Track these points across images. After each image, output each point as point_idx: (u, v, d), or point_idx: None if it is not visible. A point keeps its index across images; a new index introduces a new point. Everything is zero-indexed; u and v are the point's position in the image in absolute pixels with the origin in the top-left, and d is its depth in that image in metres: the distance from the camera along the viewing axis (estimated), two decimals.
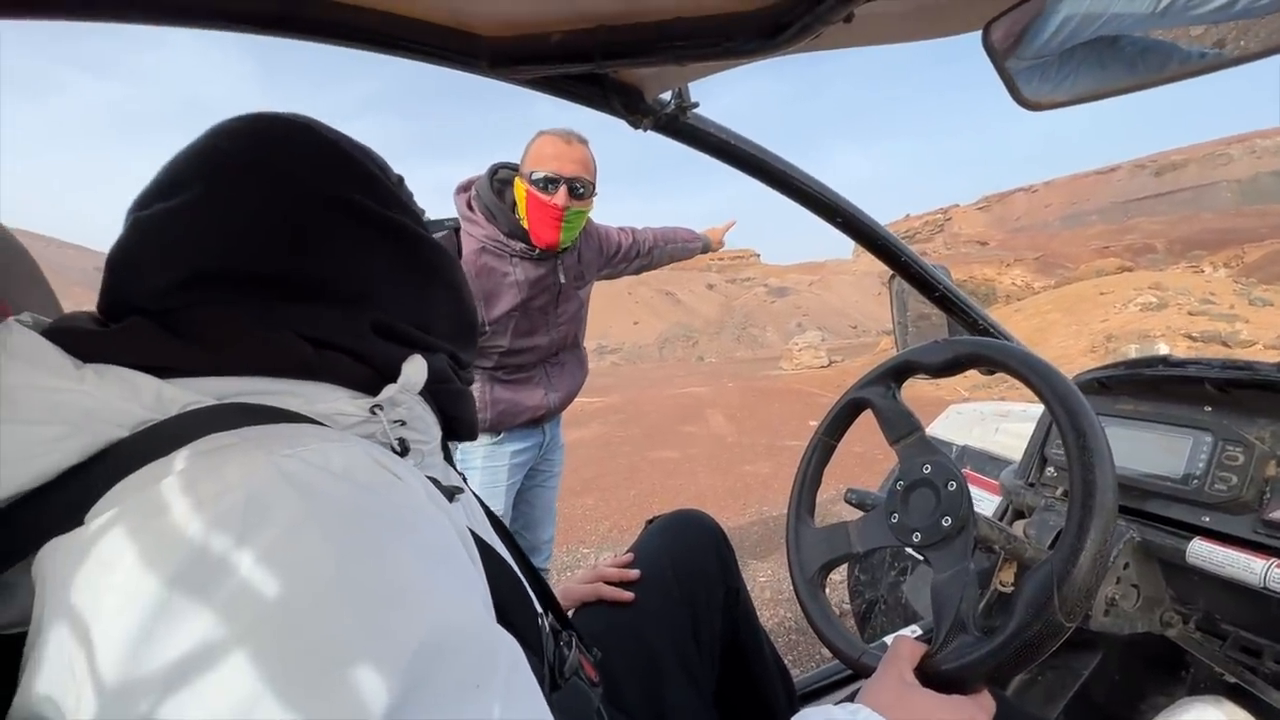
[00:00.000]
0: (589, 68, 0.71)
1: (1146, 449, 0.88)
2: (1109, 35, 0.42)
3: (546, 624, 0.58)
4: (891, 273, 1.20)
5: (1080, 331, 10.38)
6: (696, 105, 0.83)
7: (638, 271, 1.78)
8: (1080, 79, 0.46)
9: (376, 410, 0.45)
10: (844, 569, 1.72)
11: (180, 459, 0.34)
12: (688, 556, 0.88)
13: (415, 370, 0.48)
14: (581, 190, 1.36)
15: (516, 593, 0.52)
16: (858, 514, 0.78)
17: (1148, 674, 1.01)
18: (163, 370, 0.39)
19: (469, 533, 0.45)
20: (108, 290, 0.45)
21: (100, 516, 0.32)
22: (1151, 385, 0.92)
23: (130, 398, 0.37)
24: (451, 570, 0.37)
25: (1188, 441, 0.84)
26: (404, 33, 0.72)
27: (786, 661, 2.23)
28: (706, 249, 1.87)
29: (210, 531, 0.30)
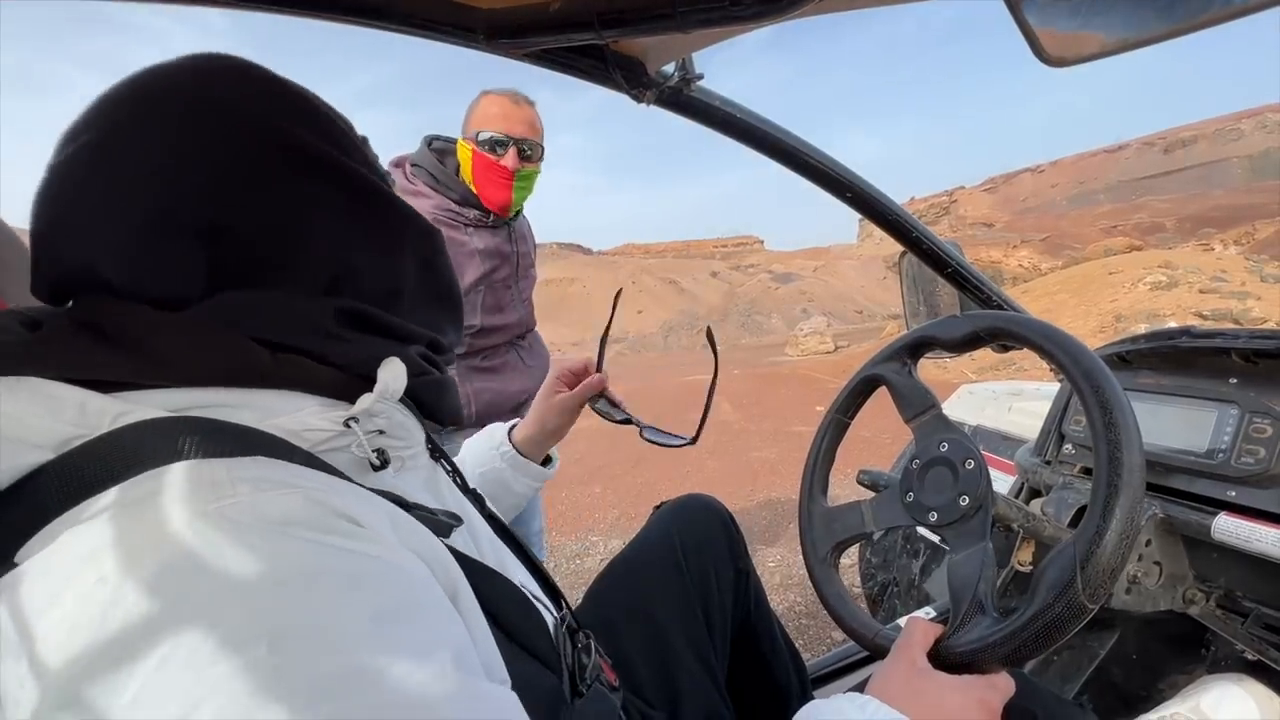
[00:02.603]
0: (589, 37, 0.68)
1: (1170, 423, 0.86)
2: None
3: (563, 627, 0.56)
4: (901, 251, 1.17)
5: (1089, 312, 10.29)
6: (701, 77, 0.80)
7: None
8: (1107, 29, 0.44)
9: (350, 424, 0.40)
10: (855, 552, 1.71)
11: (105, 503, 0.30)
12: (696, 540, 0.87)
13: (393, 376, 0.43)
14: (529, 152, 1.30)
15: (524, 610, 0.49)
16: (869, 496, 0.76)
17: (1167, 652, 1.00)
18: (101, 384, 0.35)
19: (456, 565, 0.40)
20: (34, 265, 0.39)
21: (30, 559, 0.29)
22: (1174, 358, 0.90)
23: (49, 414, 0.33)
24: (419, 628, 0.32)
25: (1213, 415, 0.82)
26: (401, 6, 0.70)
27: (798, 645, 2.24)
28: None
29: (121, 608, 0.27)
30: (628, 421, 0.87)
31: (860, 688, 0.64)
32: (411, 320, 0.47)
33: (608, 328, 0.89)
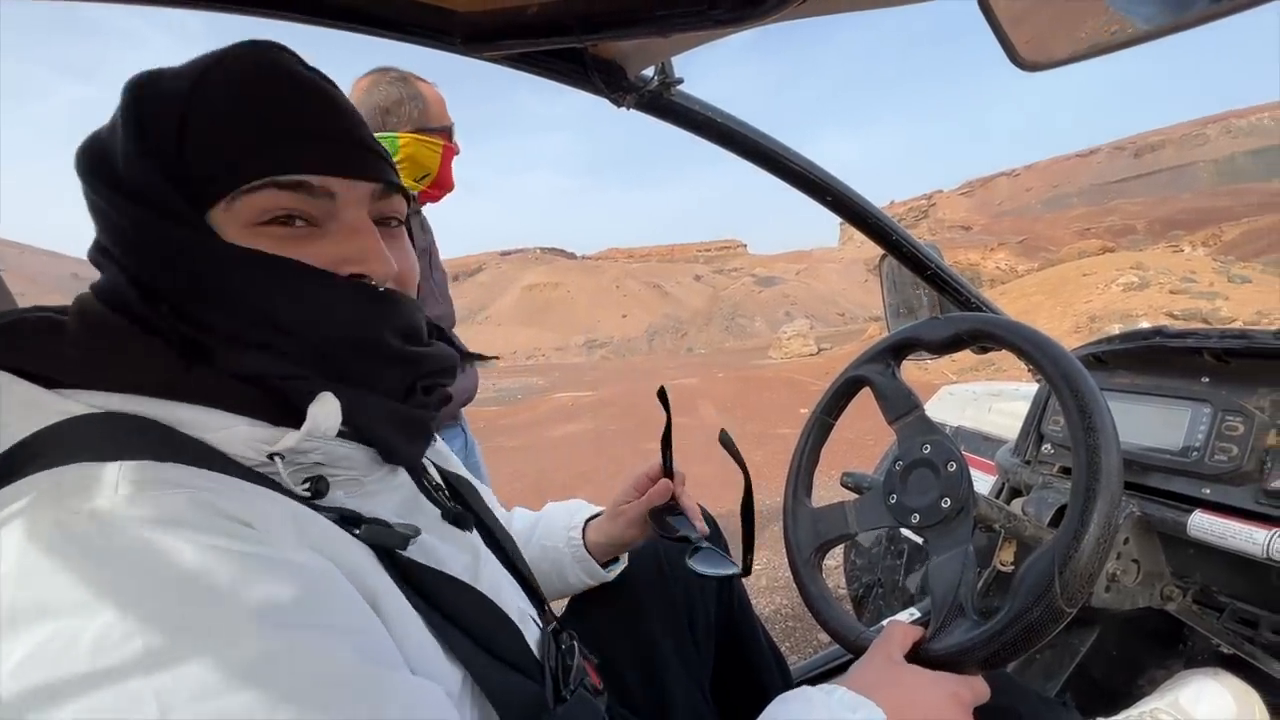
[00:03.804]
0: (569, 42, 0.68)
1: (1145, 422, 0.87)
2: None
3: (547, 630, 0.56)
4: (881, 254, 1.18)
5: (1065, 313, 10.50)
6: (681, 81, 0.80)
7: None
8: (1078, 35, 0.44)
9: (275, 459, 0.39)
10: (839, 553, 1.71)
11: None
12: (680, 546, 0.86)
13: (325, 413, 0.40)
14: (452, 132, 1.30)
15: (496, 619, 0.48)
16: (853, 498, 0.77)
17: (1146, 648, 1.01)
18: (47, 380, 0.36)
19: (381, 569, 0.40)
20: None
21: None
22: (1148, 358, 0.92)
23: None
24: (313, 620, 0.32)
25: (1186, 413, 0.84)
26: (377, 9, 0.69)
27: (784, 649, 2.24)
28: None
29: None
30: (684, 540, 0.77)
31: None
32: (383, 362, 0.45)
33: (668, 429, 0.81)
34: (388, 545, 0.41)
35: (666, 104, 0.81)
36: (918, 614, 1.18)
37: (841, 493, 0.78)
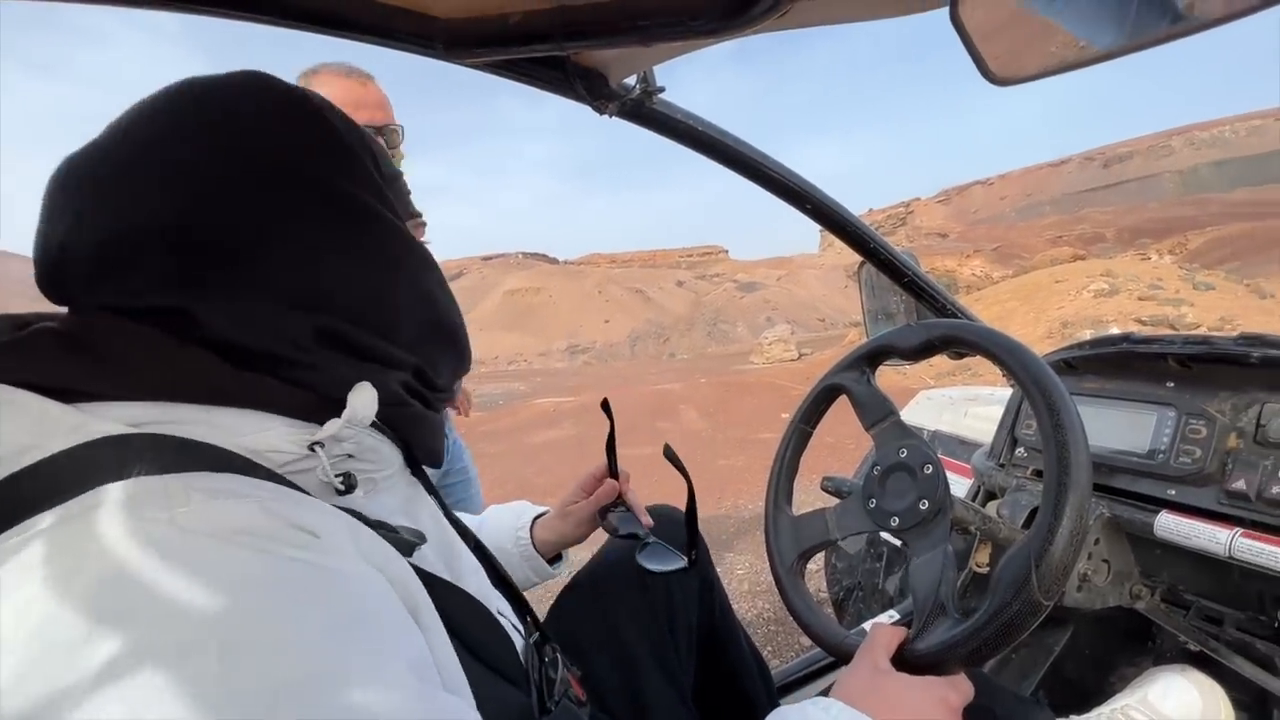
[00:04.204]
0: (550, 49, 0.68)
1: (1113, 426, 0.90)
2: (1074, 5, 0.41)
3: (530, 642, 0.56)
4: (860, 262, 1.20)
5: (1038, 319, 10.73)
6: (663, 90, 0.81)
7: None
8: (1048, 51, 0.46)
9: (315, 448, 0.40)
10: (821, 557, 1.73)
11: (46, 521, 0.30)
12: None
13: (363, 402, 0.42)
14: (389, 139, 1.14)
15: (490, 629, 0.49)
16: (833, 503, 0.77)
17: (1116, 646, 1.04)
18: (65, 393, 0.34)
19: (418, 581, 0.40)
20: (41, 274, 0.39)
21: None
22: (1116, 363, 0.94)
23: (6, 420, 0.32)
24: (374, 638, 0.32)
25: (1152, 417, 0.86)
26: (356, 13, 0.68)
27: (766, 653, 2.24)
28: None
29: (60, 620, 0.26)
30: (632, 537, 0.84)
31: (827, 694, 0.65)
32: (398, 348, 0.46)
33: (611, 434, 0.86)
34: (403, 552, 0.41)
35: (648, 112, 0.81)
36: (898, 616, 1.19)
37: (824, 496, 0.79)
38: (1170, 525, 0.79)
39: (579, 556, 0.91)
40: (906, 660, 0.60)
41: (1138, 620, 0.92)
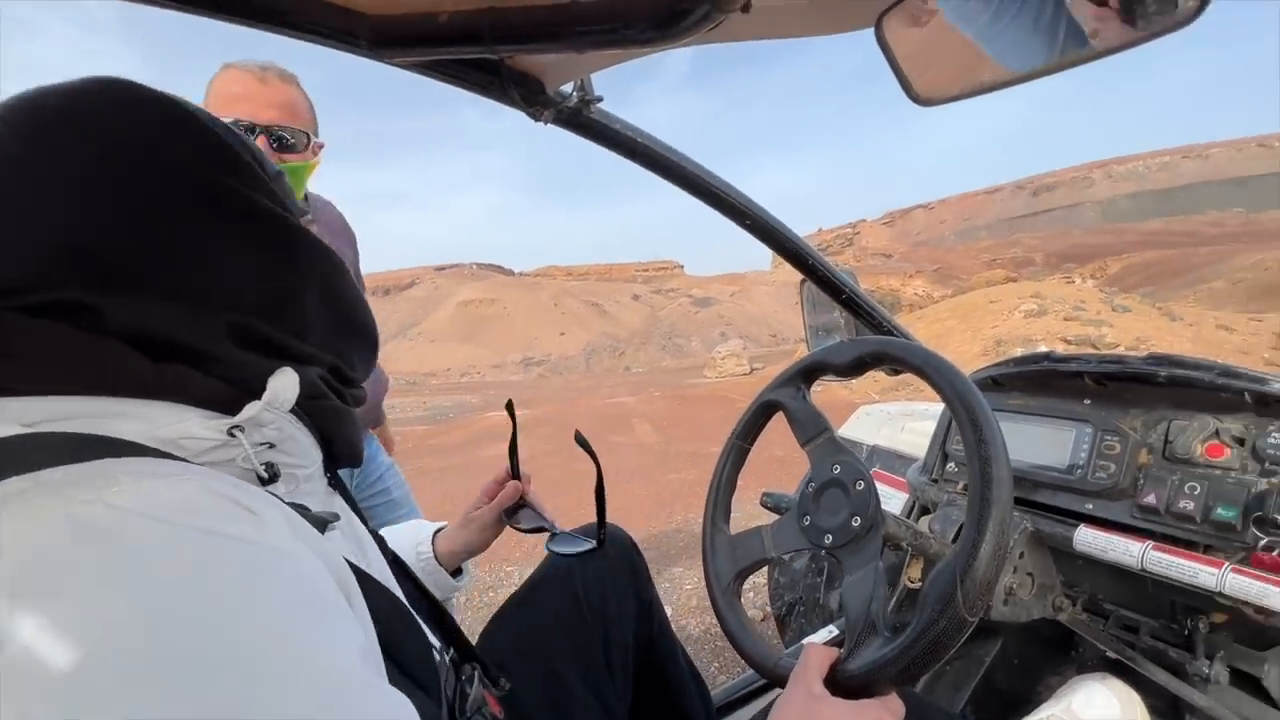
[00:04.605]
0: (481, 51, 0.66)
1: (1036, 441, 0.93)
2: (995, 28, 0.42)
3: (446, 658, 0.54)
4: (803, 279, 1.21)
5: (975, 337, 11.27)
6: (600, 99, 0.79)
7: None
8: (969, 72, 0.47)
9: (236, 432, 0.39)
10: (765, 572, 1.73)
11: None
12: (597, 571, 0.84)
13: (284, 385, 0.42)
14: (290, 141, 1.06)
15: (407, 627, 0.47)
16: (772, 520, 0.77)
17: (1042, 656, 1.07)
18: None
19: (347, 567, 0.39)
20: None
21: None
22: (1039, 381, 0.98)
23: None
24: (321, 622, 0.32)
25: (1071, 433, 0.89)
26: (281, 6, 0.65)
27: (713, 669, 2.22)
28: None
29: None
30: (539, 530, 0.87)
31: (763, 715, 0.64)
32: (311, 344, 0.46)
33: (514, 437, 0.87)
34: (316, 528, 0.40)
35: (586, 121, 0.80)
36: (836, 631, 1.20)
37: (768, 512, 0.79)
38: (1088, 539, 0.82)
39: (527, 575, 0.88)
40: (839, 681, 0.59)
41: (1062, 631, 0.95)
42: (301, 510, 0.40)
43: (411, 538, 0.84)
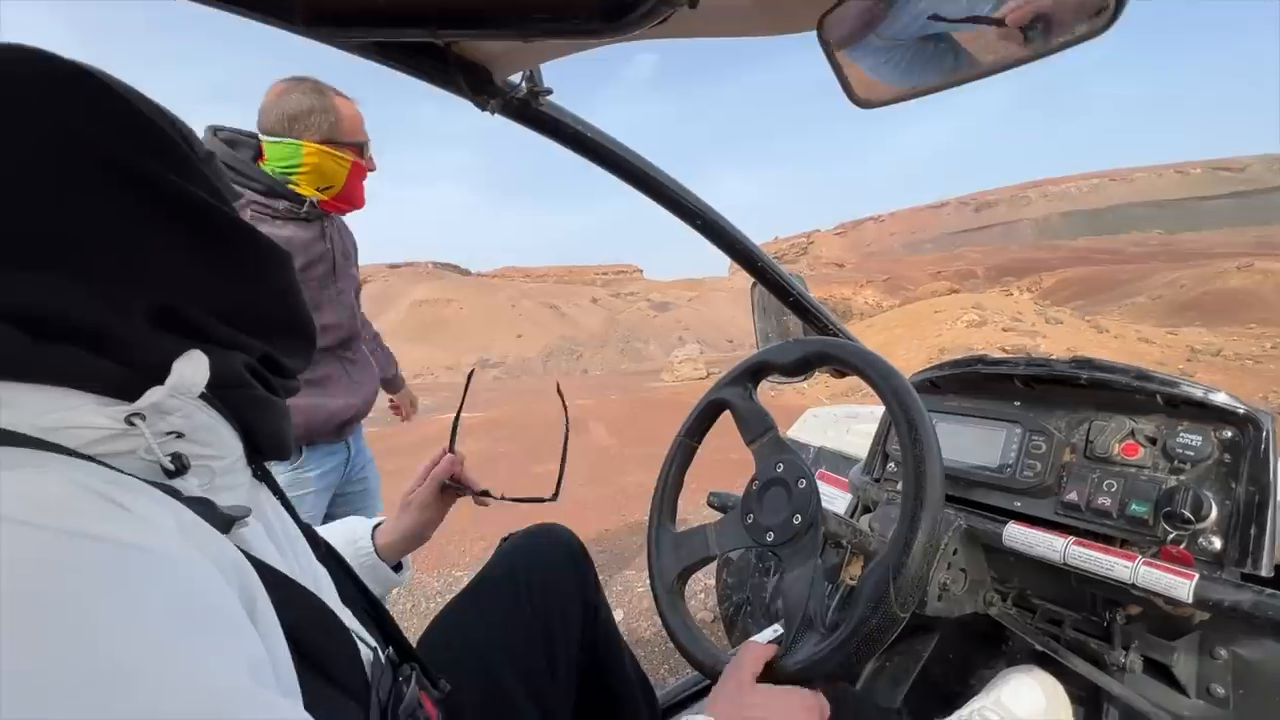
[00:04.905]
0: (423, 35, 0.64)
1: (969, 442, 0.96)
2: (932, 31, 0.43)
3: (383, 658, 0.52)
4: (753, 283, 1.23)
5: (921, 345, 11.71)
6: (550, 92, 0.78)
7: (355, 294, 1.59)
8: (907, 75, 0.48)
9: (135, 420, 0.36)
10: (713, 572, 1.74)
11: None
12: (543, 575, 0.83)
13: (191, 368, 0.39)
14: (369, 153, 1.37)
15: (329, 631, 0.44)
16: (717, 518, 0.77)
17: (975, 650, 1.10)
18: None
19: (254, 570, 0.36)
20: None
21: None
22: (973, 383, 1.01)
23: None
24: (200, 633, 0.29)
25: (1002, 433, 0.93)
26: None
27: (664, 670, 2.22)
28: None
29: None
30: (486, 494, 0.87)
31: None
32: (240, 331, 0.44)
33: (460, 409, 0.87)
34: (220, 529, 0.37)
35: (534, 113, 0.79)
36: (780, 630, 1.21)
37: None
38: (1016, 535, 0.85)
39: (469, 577, 0.86)
40: (777, 678, 0.60)
41: (992, 625, 0.98)
42: (203, 506, 0.37)
43: (346, 535, 0.81)
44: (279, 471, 1.32)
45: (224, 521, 0.38)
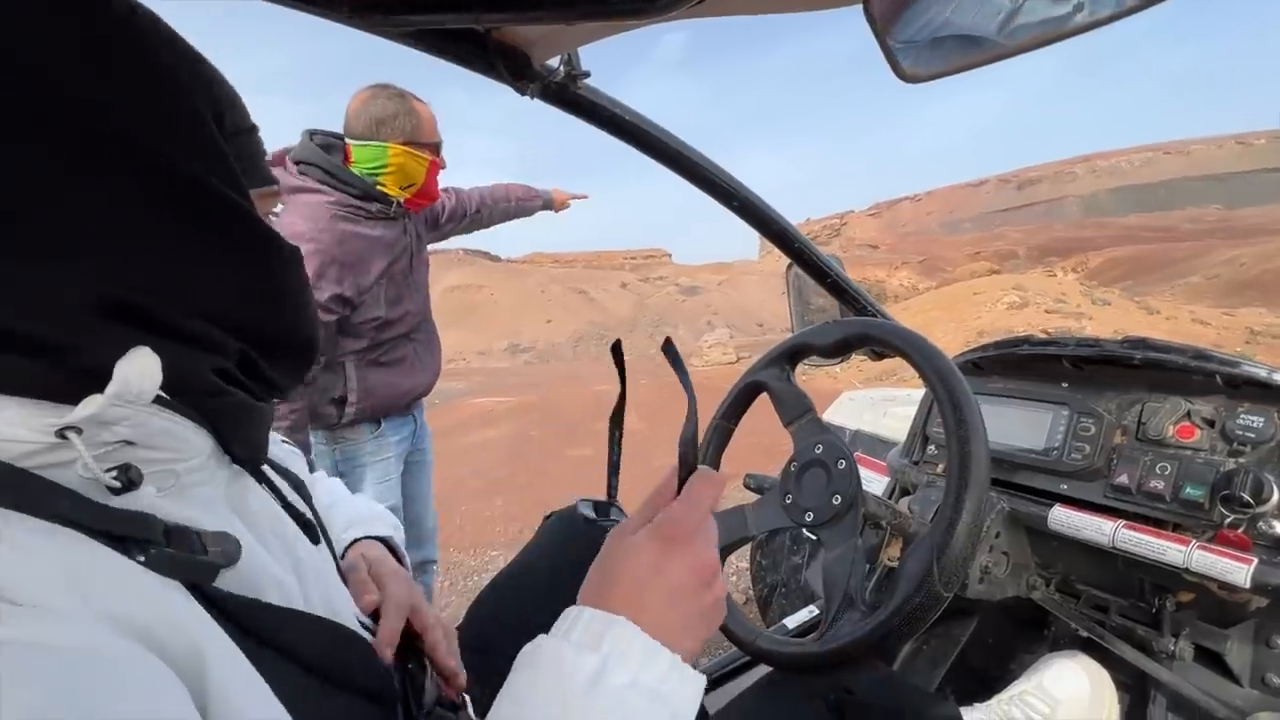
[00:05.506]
0: (466, 20, 0.65)
1: (1014, 424, 0.94)
2: (974, 3, 0.42)
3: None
4: (789, 263, 1.22)
5: (959, 328, 11.39)
6: (588, 75, 0.78)
7: (467, 231, 1.78)
8: (956, 48, 0.47)
9: (69, 434, 0.30)
10: (747, 555, 1.75)
11: None
12: (584, 549, 0.84)
13: (137, 372, 0.31)
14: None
15: (339, 644, 0.42)
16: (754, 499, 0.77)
17: (1016, 635, 1.09)
18: None
19: (203, 615, 0.32)
20: None
21: None
22: (1018, 364, 0.99)
23: None
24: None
25: (1048, 415, 0.91)
26: None
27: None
28: (548, 206, 1.89)
29: None
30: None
31: (750, 691, 0.63)
32: (217, 328, 0.37)
33: (623, 391, 0.79)
34: (194, 580, 0.33)
35: (572, 96, 0.79)
36: (817, 611, 1.22)
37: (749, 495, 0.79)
38: (1062, 518, 0.83)
39: (505, 556, 0.88)
40: (816, 655, 0.60)
41: (1035, 609, 0.97)
42: (186, 553, 0.32)
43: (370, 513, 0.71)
44: (362, 439, 1.40)
45: (207, 571, 0.33)
